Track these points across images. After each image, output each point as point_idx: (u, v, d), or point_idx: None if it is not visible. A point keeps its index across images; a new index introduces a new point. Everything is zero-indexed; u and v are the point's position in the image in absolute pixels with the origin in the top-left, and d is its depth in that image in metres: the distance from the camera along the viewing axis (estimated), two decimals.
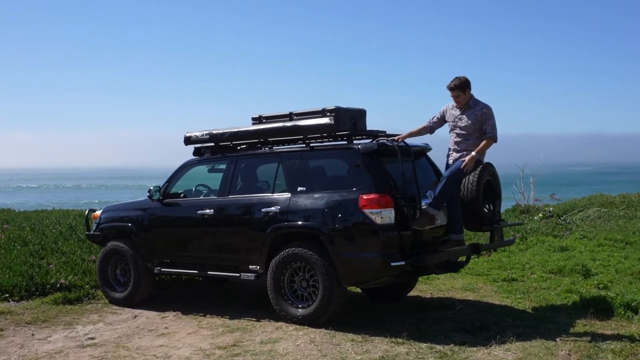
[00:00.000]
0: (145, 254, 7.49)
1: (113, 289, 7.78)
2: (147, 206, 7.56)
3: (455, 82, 6.37)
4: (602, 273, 8.56)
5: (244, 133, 7.04)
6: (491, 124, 6.30)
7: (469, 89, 6.39)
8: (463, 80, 6.34)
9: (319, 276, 6.08)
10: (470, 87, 6.42)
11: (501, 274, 8.69)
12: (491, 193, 6.92)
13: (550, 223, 12.94)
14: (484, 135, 6.32)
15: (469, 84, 6.41)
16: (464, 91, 6.35)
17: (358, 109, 6.67)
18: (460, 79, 6.35)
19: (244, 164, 7.09)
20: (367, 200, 5.89)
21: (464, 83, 6.36)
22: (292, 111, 6.81)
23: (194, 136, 7.44)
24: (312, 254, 6.11)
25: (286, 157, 6.66)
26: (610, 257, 9.66)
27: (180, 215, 7.33)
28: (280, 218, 6.37)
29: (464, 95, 6.35)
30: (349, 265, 5.98)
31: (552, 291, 7.73)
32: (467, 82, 6.38)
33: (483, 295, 7.52)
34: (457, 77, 6.40)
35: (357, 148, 6.22)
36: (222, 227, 6.88)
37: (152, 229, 7.44)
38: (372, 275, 5.97)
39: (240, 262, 6.76)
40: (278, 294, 6.36)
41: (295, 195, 6.38)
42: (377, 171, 6.09)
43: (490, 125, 6.30)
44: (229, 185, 6.98)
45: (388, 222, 5.87)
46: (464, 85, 6.36)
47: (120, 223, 7.77)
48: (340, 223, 5.99)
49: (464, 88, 6.35)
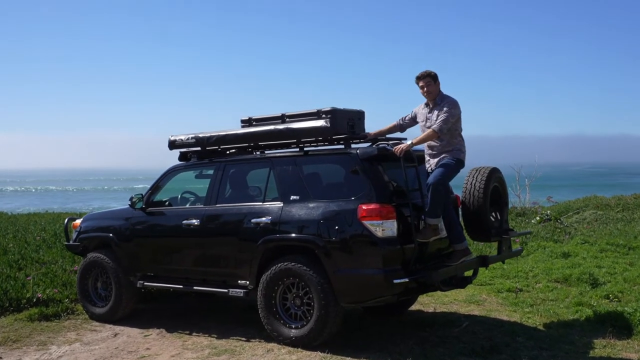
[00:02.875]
0: (128, 266, 6.72)
1: (93, 303, 7.01)
2: (129, 215, 6.79)
3: (424, 71, 5.66)
4: (610, 282, 7.89)
5: (232, 136, 6.28)
6: (443, 117, 5.50)
7: (438, 82, 5.67)
8: (433, 72, 5.66)
9: (314, 294, 5.33)
10: (438, 81, 5.68)
11: (505, 284, 7.98)
12: (498, 200, 6.21)
13: (549, 227, 12.26)
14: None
15: (438, 77, 5.68)
16: (435, 80, 5.63)
17: (356, 111, 5.93)
18: (430, 70, 5.66)
19: (232, 170, 6.33)
20: (367, 210, 5.16)
21: (435, 74, 5.66)
22: (284, 113, 6.07)
23: (179, 140, 6.67)
24: (307, 270, 5.36)
25: (278, 163, 5.92)
26: (615, 264, 9.00)
27: (164, 225, 6.56)
28: (272, 229, 5.63)
29: (434, 84, 5.62)
30: (347, 282, 5.24)
31: (560, 303, 7.03)
32: (437, 75, 5.67)
33: (489, 310, 6.79)
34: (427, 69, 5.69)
35: (356, 153, 5.48)
36: (209, 239, 6.12)
37: (134, 239, 6.68)
38: (373, 293, 5.23)
39: (228, 276, 6.01)
40: (269, 313, 5.61)
41: (287, 204, 5.63)
42: (378, 178, 5.35)
43: (442, 118, 5.50)
44: (217, 193, 6.23)
45: (390, 235, 5.14)
46: (435, 75, 5.65)
47: (101, 233, 7.00)
48: (337, 236, 5.25)
49: (434, 78, 5.63)
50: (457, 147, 5.63)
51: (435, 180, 5.42)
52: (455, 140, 5.63)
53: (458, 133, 5.68)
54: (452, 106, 5.56)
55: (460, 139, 5.70)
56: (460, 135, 5.72)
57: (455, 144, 5.62)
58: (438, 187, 5.40)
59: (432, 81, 5.63)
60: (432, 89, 5.64)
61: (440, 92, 5.69)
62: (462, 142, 5.70)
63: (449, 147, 5.60)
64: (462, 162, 5.66)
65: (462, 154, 5.66)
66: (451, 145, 5.61)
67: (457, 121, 5.64)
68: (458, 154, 5.62)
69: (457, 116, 5.62)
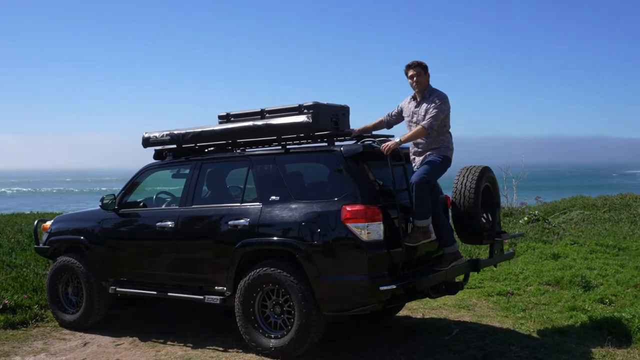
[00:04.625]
0: (99, 271, 6.21)
1: (64, 310, 6.49)
2: (101, 217, 6.27)
3: (414, 61, 5.21)
4: (602, 285, 7.48)
5: (208, 133, 5.78)
6: (433, 113, 5.03)
7: (428, 73, 5.22)
8: (423, 62, 5.21)
9: (295, 302, 4.86)
10: (429, 72, 5.23)
11: (495, 287, 7.55)
12: (490, 201, 5.78)
13: (537, 227, 11.86)
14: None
15: (428, 69, 5.23)
16: (425, 71, 5.18)
17: (340, 106, 5.46)
18: (420, 60, 5.22)
19: (209, 169, 5.84)
20: (351, 212, 4.69)
21: (425, 64, 5.20)
22: (264, 108, 5.59)
23: (153, 137, 6.16)
24: (287, 276, 4.89)
25: (257, 162, 5.43)
26: (606, 265, 8.59)
27: (138, 227, 6.04)
28: (250, 232, 5.14)
29: (424, 75, 5.18)
30: (330, 289, 4.77)
31: (553, 307, 6.61)
32: (427, 66, 5.22)
33: (480, 315, 6.34)
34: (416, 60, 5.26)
35: (339, 150, 5.01)
36: (184, 242, 5.62)
37: (106, 243, 6.16)
38: (358, 301, 4.76)
39: (204, 282, 5.52)
40: (247, 321, 5.12)
41: (267, 205, 5.15)
42: (363, 178, 4.89)
43: (432, 114, 5.03)
44: (192, 194, 5.73)
45: (376, 238, 4.67)
46: (425, 65, 5.19)
47: (72, 236, 6.47)
48: (319, 239, 4.78)
49: (424, 68, 5.18)
50: (444, 144, 5.17)
51: (418, 179, 4.94)
52: (443, 137, 5.18)
53: (446, 130, 5.22)
54: (442, 101, 5.09)
55: (448, 135, 5.24)
56: (449, 132, 5.27)
57: (442, 141, 5.17)
58: (422, 186, 4.92)
59: (423, 71, 5.18)
60: (421, 79, 5.18)
61: (429, 85, 5.23)
62: (450, 139, 5.25)
63: (435, 144, 5.14)
64: (449, 159, 5.21)
65: (449, 151, 5.20)
66: (438, 142, 5.15)
67: (446, 117, 5.18)
68: (445, 152, 5.16)
69: (447, 112, 5.16)
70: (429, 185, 5.01)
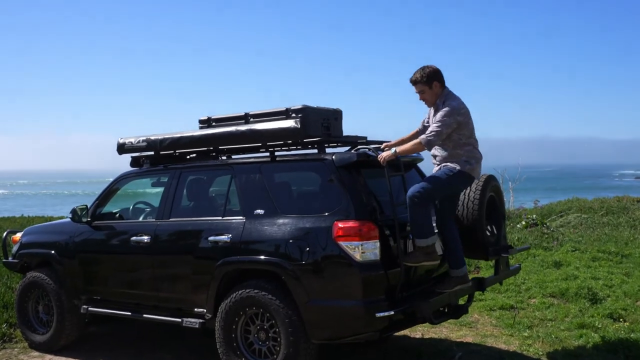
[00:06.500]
0: (71, 288, 5.58)
1: (33, 329, 5.85)
2: (73, 230, 5.64)
3: (417, 73, 4.50)
4: (610, 297, 6.92)
5: (187, 139, 5.14)
6: (435, 129, 4.34)
7: (437, 82, 4.48)
8: (429, 72, 4.46)
9: (281, 328, 4.24)
10: (440, 79, 4.50)
11: (497, 299, 6.95)
12: (495, 213, 5.17)
13: (536, 232, 11.28)
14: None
15: (438, 75, 4.48)
16: (430, 85, 4.47)
17: (332, 109, 4.85)
18: (425, 70, 4.47)
19: (188, 179, 5.21)
20: (344, 229, 4.07)
21: (430, 74, 4.45)
22: (248, 112, 4.96)
23: (128, 143, 5.52)
24: (272, 299, 4.27)
25: (240, 171, 4.80)
26: (611, 274, 8.04)
27: (111, 242, 5.40)
28: (232, 250, 4.52)
29: (431, 90, 4.48)
30: (320, 315, 4.15)
31: (560, 324, 6.02)
32: (435, 74, 4.47)
33: (484, 335, 5.74)
34: (423, 66, 4.52)
35: (331, 159, 4.38)
36: (161, 259, 4.99)
37: (78, 257, 5.53)
38: (351, 329, 4.14)
39: (182, 303, 4.89)
40: (229, 348, 4.50)
41: (251, 220, 4.53)
42: (357, 190, 4.26)
43: (434, 129, 4.34)
44: (170, 205, 5.10)
45: (371, 259, 4.06)
46: (430, 77, 4.45)
47: (42, 249, 5.84)
48: (308, 259, 4.16)
49: (429, 81, 4.46)
50: (462, 158, 4.45)
51: (410, 193, 4.27)
52: (461, 151, 4.45)
53: (463, 142, 4.46)
54: (447, 114, 4.34)
55: (468, 148, 4.48)
56: (469, 144, 4.49)
57: (459, 155, 4.45)
58: (414, 201, 4.23)
59: (427, 87, 4.48)
60: (428, 96, 4.51)
61: (444, 92, 4.51)
62: (471, 152, 4.49)
63: (451, 157, 4.46)
64: (464, 174, 4.46)
65: (468, 165, 4.44)
66: (454, 156, 4.45)
67: (461, 128, 4.42)
68: (462, 165, 4.43)
69: (456, 124, 4.38)
70: (426, 201, 4.33)
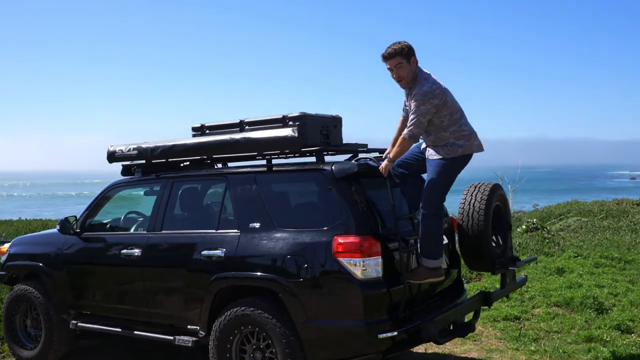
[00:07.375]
0: (60, 302, 5.32)
1: (21, 345, 5.59)
2: (62, 241, 5.37)
3: (394, 46, 4.03)
4: (616, 307, 6.68)
5: (180, 148, 4.88)
6: (413, 118, 3.98)
7: (414, 57, 4.05)
8: (406, 44, 4.02)
9: (278, 348, 3.98)
10: (415, 55, 4.06)
11: (501, 309, 6.69)
12: (500, 223, 4.92)
13: (537, 237, 11.03)
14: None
15: (414, 51, 4.05)
16: (409, 59, 4.02)
17: (331, 116, 4.59)
18: (402, 43, 4.03)
19: (181, 189, 4.95)
20: (344, 244, 3.81)
21: (409, 47, 4.01)
22: (243, 119, 4.70)
23: (119, 151, 5.26)
24: (269, 318, 4.00)
25: (235, 181, 4.53)
26: (615, 282, 7.80)
27: (101, 254, 5.14)
28: (226, 265, 4.26)
29: (409, 65, 4.03)
30: (319, 335, 3.89)
31: (567, 336, 5.78)
32: (412, 48, 4.03)
33: (489, 349, 5.48)
34: (396, 42, 4.07)
35: (330, 170, 4.12)
36: (152, 273, 4.73)
37: (66, 270, 5.26)
38: (352, 350, 3.87)
39: (175, 320, 4.63)
40: None
41: (246, 233, 4.27)
42: (358, 202, 4.00)
43: (412, 121, 3.99)
44: (162, 217, 4.83)
45: (373, 276, 3.80)
46: (410, 50, 4.01)
47: (30, 261, 5.57)
48: (306, 275, 3.90)
49: (409, 54, 4.01)
50: (449, 141, 4.11)
51: (423, 209, 3.97)
52: (446, 134, 4.09)
53: (446, 123, 4.09)
54: (422, 101, 3.96)
55: (454, 129, 4.10)
56: (453, 123, 4.10)
57: (445, 138, 4.11)
58: (428, 217, 3.97)
59: (406, 61, 4.03)
60: (404, 73, 4.07)
61: (417, 72, 4.08)
62: (457, 131, 4.11)
63: (437, 141, 4.13)
64: (455, 159, 4.10)
65: (458, 148, 4.09)
66: (441, 139, 4.11)
67: (440, 111, 4.04)
68: (449, 151, 4.10)
69: (435, 108, 4.00)
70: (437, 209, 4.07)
